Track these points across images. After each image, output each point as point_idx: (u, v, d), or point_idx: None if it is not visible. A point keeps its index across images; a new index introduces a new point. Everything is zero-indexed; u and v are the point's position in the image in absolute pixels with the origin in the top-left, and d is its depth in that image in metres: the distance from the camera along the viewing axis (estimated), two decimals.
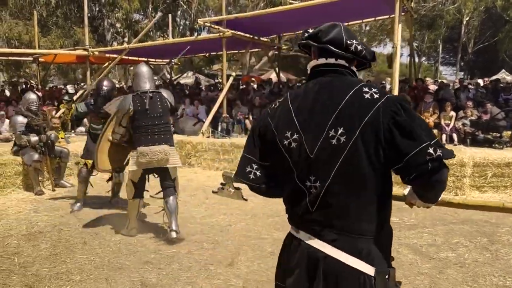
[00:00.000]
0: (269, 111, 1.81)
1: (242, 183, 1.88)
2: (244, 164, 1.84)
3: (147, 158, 4.67)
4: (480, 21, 36.54)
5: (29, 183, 6.75)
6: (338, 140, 1.58)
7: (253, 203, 6.21)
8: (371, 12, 14.28)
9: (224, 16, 12.88)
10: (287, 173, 1.71)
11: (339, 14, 13.58)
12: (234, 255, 4.30)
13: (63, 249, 4.52)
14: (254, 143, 1.82)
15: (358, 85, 1.64)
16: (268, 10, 13.99)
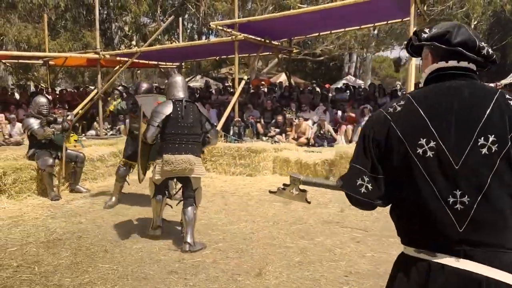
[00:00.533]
0: (389, 115, 1.61)
1: (350, 196, 1.71)
2: (354, 176, 1.66)
3: (171, 167, 4.62)
4: (489, 25, 36.36)
5: (44, 188, 6.63)
6: (490, 148, 1.45)
7: (274, 210, 6.10)
8: (384, 15, 14.14)
9: (236, 20, 12.78)
10: (415, 187, 1.53)
11: (351, 17, 13.49)
12: (261, 265, 4.16)
13: (84, 257, 4.39)
14: (366, 152, 1.64)
15: (498, 91, 1.52)
16: (280, 13, 13.87)
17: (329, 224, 5.46)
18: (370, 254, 4.42)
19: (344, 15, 12.93)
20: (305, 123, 12.56)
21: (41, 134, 6.66)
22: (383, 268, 4.08)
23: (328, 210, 6.10)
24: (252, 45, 13.97)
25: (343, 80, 29.88)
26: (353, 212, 5.99)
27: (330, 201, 6.56)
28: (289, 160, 8.22)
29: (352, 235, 5.01)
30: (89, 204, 6.41)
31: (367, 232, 5.12)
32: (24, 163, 6.50)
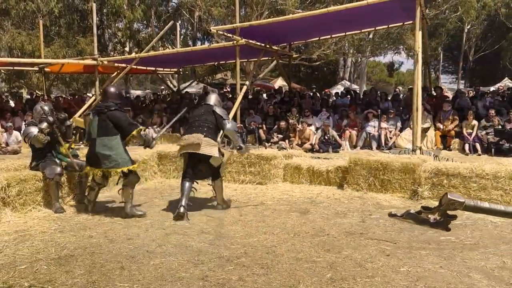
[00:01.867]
0: None
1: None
2: None
3: (183, 142, 6.13)
4: (482, 29, 36.51)
5: (50, 200, 6.33)
6: None
7: (292, 220, 5.86)
8: (386, 19, 14.03)
9: (238, 24, 12.59)
10: None
11: (353, 21, 13.36)
12: (291, 282, 3.90)
13: (100, 275, 4.11)
14: None
15: None
16: (282, 17, 13.69)
17: (352, 235, 5.22)
18: (405, 269, 4.17)
19: (347, 19, 12.80)
20: (308, 129, 12.36)
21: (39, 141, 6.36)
22: (422, 284, 3.84)
23: (348, 220, 5.85)
24: (252, 50, 13.79)
25: (339, 85, 29.80)
26: (374, 222, 5.76)
27: (348, 210, 6.32)
28: (300, 168, 7.98)
29: (380, 248, 4.77)
30: (98, 216, 6.11)
31: (395, 244, 4.88)
32: (28, 173, 6.19)
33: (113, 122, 5.93)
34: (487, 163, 6.84)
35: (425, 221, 1.69)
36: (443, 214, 1.67)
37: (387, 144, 12.20)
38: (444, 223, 1.66)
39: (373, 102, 14.41)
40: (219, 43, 14.59)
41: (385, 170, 7.15)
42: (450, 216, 1.67)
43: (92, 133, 6.03)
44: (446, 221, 1.66)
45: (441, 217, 1.69)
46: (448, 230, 1.73)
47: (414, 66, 11.15)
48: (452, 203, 1.55)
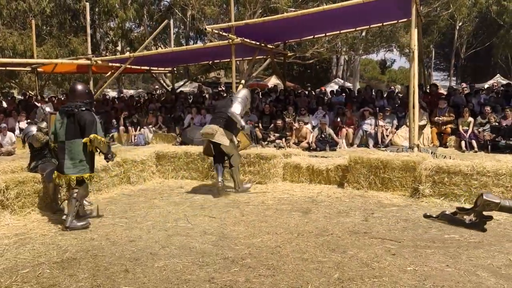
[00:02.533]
0: None
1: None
2: None
3: (202, 131, 7.41)
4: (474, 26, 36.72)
5: (49, 202, 6.25)
6: None
7: (294, 220, 5.83)
8: (382, 17, 14.05)
9: (233, 23, 12.52)
10: None
11: (348, 19, 13.35)
12: (298, 283, 3.87)
13: (104, 279, 4.05)
14: None
15: None
16: (277, 16, 13.64)
17: (357, 234, 5.19)
18: (411, 268, 4.15)
19: (341, 17, 12.79)
20: (305, 127, 12.33)
21: (38, 141, 6.29)
22: (430, 283, 3.82)
23: (351, 219, 5.83)
24: (247, 49, 13.75)
25: (332, 83, 29.84)
26: (377, 221, 5.74)
27: (350, 209, 6.30)
28: (300, 167, 7.95)
29: (385, 247, 4.75)
30: (98, 218, 6.05)
31: (399, 243, 4.86)
32: (27, 175, 6.11)
33: (80, 125, 5.45)
34: (487, 160, 6.85)
35: (461, 222, 1.68)
36: (479, 215, 1.65)
37: (384, 142, 12.20)
38: (480, 224, 1.64)
39: (368, 100, 14.41)
40: (215, 42, 14.49)
41: (386, 168, 7.14)
42: (485, 217, 1.65)
43: (60, 135, 5.55)
44: (481, 222, 1.64)
45: (476, 218, 1.67)
46: (484, 231, 1.71)
47: (410, 64, 11.16)
48: (488, 204, 1.53)
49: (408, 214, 6.04)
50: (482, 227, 1.66)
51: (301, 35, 15.83)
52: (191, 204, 6.79)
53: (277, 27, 13.19)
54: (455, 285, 3.78)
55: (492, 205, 1.53)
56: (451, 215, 1.78)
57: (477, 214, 1.66)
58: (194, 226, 5.63)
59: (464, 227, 2.76)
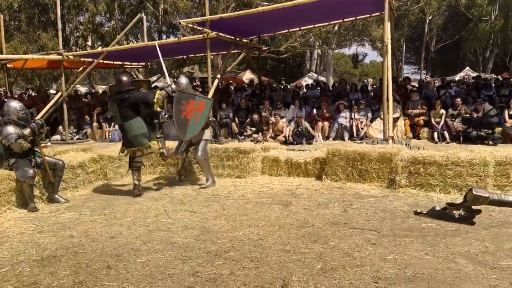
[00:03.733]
0: None
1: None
2: None
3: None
4: (443, 20, 37.42)
5: (25, 200, 6.13)
6: None
7: (275, 213, 5.86)
8: (354, 11, 14.16)
9: (207, 17, 12.45)
10: None
11: (322, 13, 13.42)
12: (282, 274, 3.90)
13: (86, 276, 4.00)
14: None
15: None
16: (252, 10, 13.64)
17: (337, 225, 5.26)
18: (392, 257, 4.24)
19: (315, 11, 12.84)
20: (281, 121, 12.39)
21: (18, 149, 6.19)
22: (411, 271, 3.91)
23: (330, 210, 5.90)
24: (222, 43, 13.67)
25: (306, 77, 30.01)
26: (356, 212, 5.84)
27: (329, 201, 6.37)
28: (278, 160, 7.99)
29: (365, 237, 4.83)
30: (77, 215, 5.96)
31: (379, 233, 4.95)
32: (1, 174, 5.96)
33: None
34: (461, 151, 7.03)
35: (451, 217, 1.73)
36: (468, 209, 1.71)
37: (359, 135, 12.36)
38: (469, 217, 1.70)
39: (343, 94, 14.55)
40: (189, 36, 14.38)
41: (363, 160, 7.24)
42: (474, 211, 1.71)
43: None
44: (471, 215, 1.70)
45: (466, 212, 1.73)
46: (473, 224, 1.78)
47: (384, 57, 11.33)
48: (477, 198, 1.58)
49: (385, 205, 6.15)
50: (471, 220, 1.73)
51: (276, 29, 15.85)
52: (170, 199, 6.76)
53: (252, 21, 13.18)
54: (435, 273, 3.87)
55: (481, 199, 1.59)
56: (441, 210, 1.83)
57: (466, 208, 1.72)
58: (175, 221, 5.61)
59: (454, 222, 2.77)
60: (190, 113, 7.09)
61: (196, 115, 7.11)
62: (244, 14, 12.81)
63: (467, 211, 1.78)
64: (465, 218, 1.76)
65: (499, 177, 6.47)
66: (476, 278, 3.75)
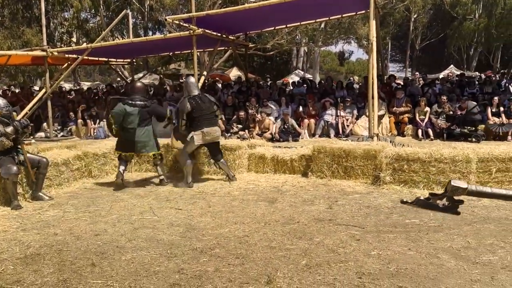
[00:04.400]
0: None
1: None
2: None
3: (212, 135, 7.31)
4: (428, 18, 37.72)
5: (8, 198, 6.08)
6: None
7: (261, 209, 5.89)
8: (338, 9, 14.23)
9: (194, 13, 12.41)
10: None
11: (307, 11, 13.46)
12: (267, 270, 3.92)
13: (70, 273, 3.98)
14: None
15: None
16: (238, 7, 13.60)
17: (322, 222, 5.30)
18: (375, 252, 4.28)
19: (302, 9, 12.87)
20: (268, 119, 12.41)
21: (2, 145, 6.12)
22: (394, 266, 3.96)
23: (316, 207, 5.94)
24: (208, 40, 13.65)
25: (293, 75, 30.06)
26: (341, 208, 5.88)
27: (315, 198, 6.41)
28: (264, 157, 8.02)
29: (350, 233, 4.87)
30: (61, 212, 5.92)
31: (363, 229, 5.00)
32: None
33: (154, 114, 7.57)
34: (444, 148, 7.11)
35: (435, 207, 1.76)
36: (450, 199, 1.73)
37: (345, 132, 12.43)
38: (453, 207, 1.72)
39: (329, 91, 14.62)
40: (175, 33, 14.32)
41: (348, 157, 7.30)
42: (457, 201, 1.73)
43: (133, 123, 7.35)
44: (454, 205, 1.72)
45: (449, 202, 1.75)
46: (458, 214, 1.79)
47: (369, 55, 11.42)
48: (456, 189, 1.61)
49: (370, 201, 6.21)
50: (456, 210, 1.75)
51: (262, 26, 15.86)
52: (156, 196, 6.74)
53: (239, 18, 13.16)
54: (418, 268, 3.93)
55: (460, 190, 1.62)
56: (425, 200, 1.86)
57: (448, 198, 1.74)
58: (160, 218, 5.60)
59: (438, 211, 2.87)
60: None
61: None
62: (230, 11, 12.79)
63: (450, 201, 1.82)
64: (449, 208, 1.81)
65: (482, 173, 6.55)
66: (458, 273, 3.81)
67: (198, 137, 7.24)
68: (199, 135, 7.24)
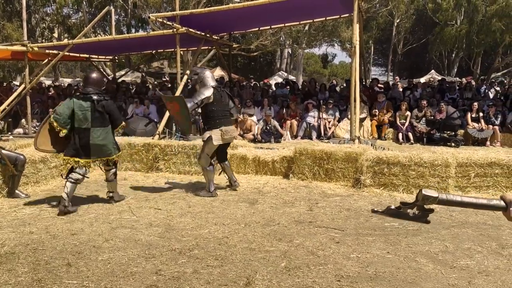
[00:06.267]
0: None
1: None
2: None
3: (230, 135, 6.60)
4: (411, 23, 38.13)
5: None
6: None
7: (241, 211, 5.86)
8: (323, 11, 14.27)
9: (178, 12, 12.29)
10: None
11: (291, 13, 13.47)
12: (246, 272, 3.90)
13: (45, 273, 3.90)
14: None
15: None
16: (223, 7, 13.55)
17: (302, 224, 5.30)
18: (355, 255, 4.29)
19: (286, 10, 12.87)
20: (250, 119, 12.38)
21: None
22: (372, 269, 3.97)
23: (296, 209, 5.93)
24: (192, 39, 13.54)
25: (276, 76, 30.09)
26: (321, 210, 5.89)
27: (295, 200, 6.41)
28: (246, 158, 7.99)
29: (329, 235, 4.88)
30: (37, 211, 5.81)
31: (343, 232, 5.01)
32: None
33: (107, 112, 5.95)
34: (424, 152, 7.18)
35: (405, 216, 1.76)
36: (421, 208, 1.74)
37: (326, 134, 12.47)
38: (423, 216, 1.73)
39: (312, 93, 14.66)
40: (159, 31, 14.20)
41: (329, 160, 7.32)
42: (427, 210, 1.74)
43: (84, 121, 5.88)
44: (424, 214, 1.73)
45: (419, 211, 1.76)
46: (427, 223, 1.80)
47: (352, 59, 11.42)
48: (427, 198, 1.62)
49: (350, 204, 6.23)
50: (425, 219, 1.76)
51: (247, 27, 15.81)
52: (135, 196, 6.66)
53: (223, 18, 13.09)
54: (396, 271, 3.94)
55: (430, 199, 1.63)
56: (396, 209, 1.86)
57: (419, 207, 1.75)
58: (139, 218, 5.53)
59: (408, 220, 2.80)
60: (175, 114, 6.83)
61: (178, 114, 6.66)
62: (215, 11, 12.70)
63: (421, 210, 1.83)
64: (419, 217, 1.81)
65: (460, 178, 6.64)
66: (436, 277, 3.84)
67: (217, 136, 6.45)
68: (218, 134, 6.45)
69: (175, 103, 6.59)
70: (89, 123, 5.76)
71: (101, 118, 5.83)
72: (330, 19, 17.81)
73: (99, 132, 5.81)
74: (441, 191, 6.02)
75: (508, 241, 4.71)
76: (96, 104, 5.78)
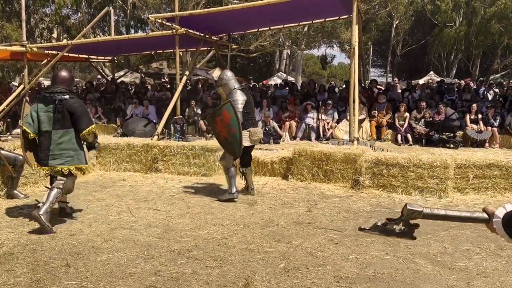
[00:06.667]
0: None
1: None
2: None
3: (257, 136, 6.52)
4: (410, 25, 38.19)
5: None
6: None
7: (240, 211, 5.86)
8: (322, 13, 14.28)
9: (177, 13, 12.31)
10: None
11: (290, 14, 13.48)
12: (245, 273, 3.90)
13: (44, 274, 3.90)
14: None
15: None
16: (222, 8, 13.56)
17: (301, 225, 5.30)
18: (353, 256, 4.30)
19: (285, 11, 12.89)
20: None
21: None
22: (371, 270, 3.97)
23: (295, 210, 5.94)
24: (191, 40, 13.55)
25: (275, 77, 30.13)
26: (321, 212, 5.89)
27: (294, 201, 6.41)
28: None
29: (328, 236, 4.89)
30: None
31: (342, 233, 5.01)
32: None
33: (70, 113, 5.14)
34: (423, 153, 7.20)
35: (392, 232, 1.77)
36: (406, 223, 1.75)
37: (325, 135, 12.49)
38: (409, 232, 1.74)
39: (311, 94, 14.67)
40: (158, 32, 14.20)
41: (328, 161, 7.32)
42: (413, 225, 1.75)
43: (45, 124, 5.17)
44: (410, 230, 1.74)
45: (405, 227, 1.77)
46: (413, 239, 1.81)
47: (351, 60, 11.44)
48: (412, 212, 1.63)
49: (349, 205, 6.24)
50: (411, 235, 1.77)
51: (246, 28, 15.81)
52: (134, 196, 6.66)
53: (222, 18, 13.11)
54: (395, 272, 3.95)
55: (415, 214, 1.64)
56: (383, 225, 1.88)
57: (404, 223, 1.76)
58: (138, 219, 5.53)
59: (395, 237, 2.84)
60: (223, 129, 6.30)
61: (229, 127, 6.17)
62: (214, 12, 12.72)
63: (406, 225, 1.84)
64: (406, 233, 1.82)
65: (459, 179, 6.66)
66: (435, 279, 3.84)
67: (245, 137, 6.28)
68: (246, 135, 6.29)
69: (224, 112, 6.15)
70: (50, 125, 5.10)
71: (62, 120, 5.09)
72: (329, 20, 17.81)
73: (59, 135, 5.10)
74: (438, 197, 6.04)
75: (507, 243, 4.70)
76: (57, 103, 5.10)
